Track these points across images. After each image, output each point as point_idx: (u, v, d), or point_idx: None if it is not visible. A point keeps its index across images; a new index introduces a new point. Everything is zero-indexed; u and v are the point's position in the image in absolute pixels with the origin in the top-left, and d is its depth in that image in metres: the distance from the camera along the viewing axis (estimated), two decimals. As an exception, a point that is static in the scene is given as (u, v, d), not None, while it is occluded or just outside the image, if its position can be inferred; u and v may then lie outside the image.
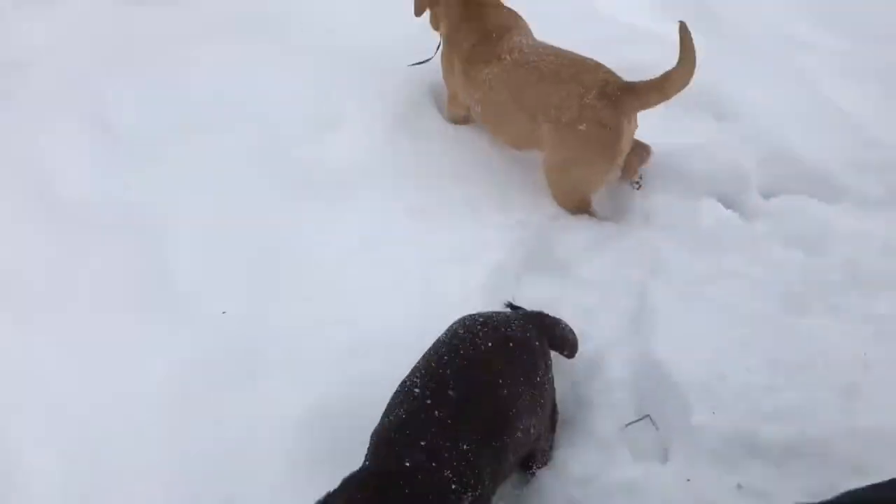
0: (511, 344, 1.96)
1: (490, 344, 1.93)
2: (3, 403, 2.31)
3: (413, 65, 3.28)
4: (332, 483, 1.69)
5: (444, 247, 2.73)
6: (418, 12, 3.12)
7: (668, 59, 2.47)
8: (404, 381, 1.90)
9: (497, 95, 2.79)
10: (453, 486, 1.68)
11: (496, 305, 2.47)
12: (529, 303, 2.50)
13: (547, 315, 2.27)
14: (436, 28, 3.14)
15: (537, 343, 2.04)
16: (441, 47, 3.10)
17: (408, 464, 1.68)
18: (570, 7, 3.67)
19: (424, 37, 3.28)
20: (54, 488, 2.13)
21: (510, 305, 2.43)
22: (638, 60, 2.81)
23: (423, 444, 1.71)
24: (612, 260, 2.67)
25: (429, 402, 1.79)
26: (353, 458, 1.80)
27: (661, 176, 2.90)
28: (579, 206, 2.80)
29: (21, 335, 2.47)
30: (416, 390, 1.83)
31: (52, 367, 2.40)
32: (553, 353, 2.16)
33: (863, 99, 3.18)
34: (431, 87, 3.30)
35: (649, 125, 2.85)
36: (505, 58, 2.77)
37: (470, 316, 2.07)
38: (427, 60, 3.24)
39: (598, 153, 2.62)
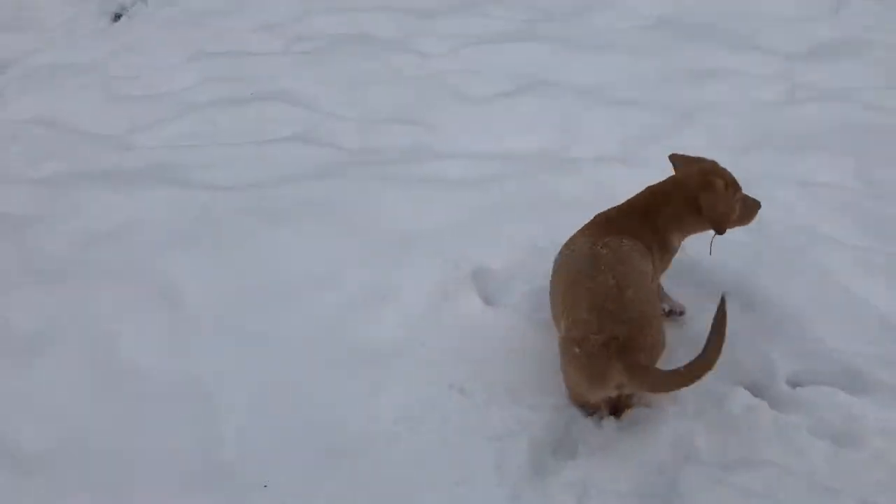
0: None
1: None
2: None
3: None
4: None
5: (481, 426, 2.84)
6: None
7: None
8: None
9: (554, 276, 2.98)
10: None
11: (530, 488, 2.55)
12: (561, 485, 2.59)
13: None
14: None
15: None
16: None
17: None
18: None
19: (474, 221, 3.63)
20: None
21: None
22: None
23: None
24: (642, 443, 2.73)
25: None
26: None
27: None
28: (581, 406, 2.90)
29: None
30: None
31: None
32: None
33: (888, 295, 3.29)
34: (473, 273, 3.51)
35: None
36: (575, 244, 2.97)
37: None
38: None
39: (577, 376, 2.70)
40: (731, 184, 3.06)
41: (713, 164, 3.15)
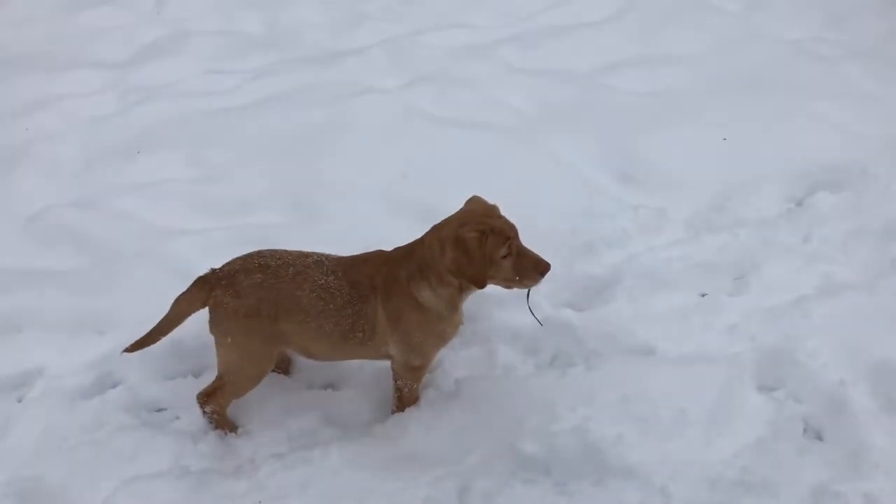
0: None
1: None
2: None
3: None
4: None
5: None
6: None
7: None
8: None
9: None
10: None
11: None
12: None
13: None
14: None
15: None
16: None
17: None
18: None
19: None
20: None
21: None
22: None
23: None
24: None
25: None
26: None
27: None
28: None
29: None
30: None
31: None
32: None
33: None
34: None
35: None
36: None
37: None
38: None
39: None
40: (495, 235, 2.66)
41: (488, 210, 2.77)
